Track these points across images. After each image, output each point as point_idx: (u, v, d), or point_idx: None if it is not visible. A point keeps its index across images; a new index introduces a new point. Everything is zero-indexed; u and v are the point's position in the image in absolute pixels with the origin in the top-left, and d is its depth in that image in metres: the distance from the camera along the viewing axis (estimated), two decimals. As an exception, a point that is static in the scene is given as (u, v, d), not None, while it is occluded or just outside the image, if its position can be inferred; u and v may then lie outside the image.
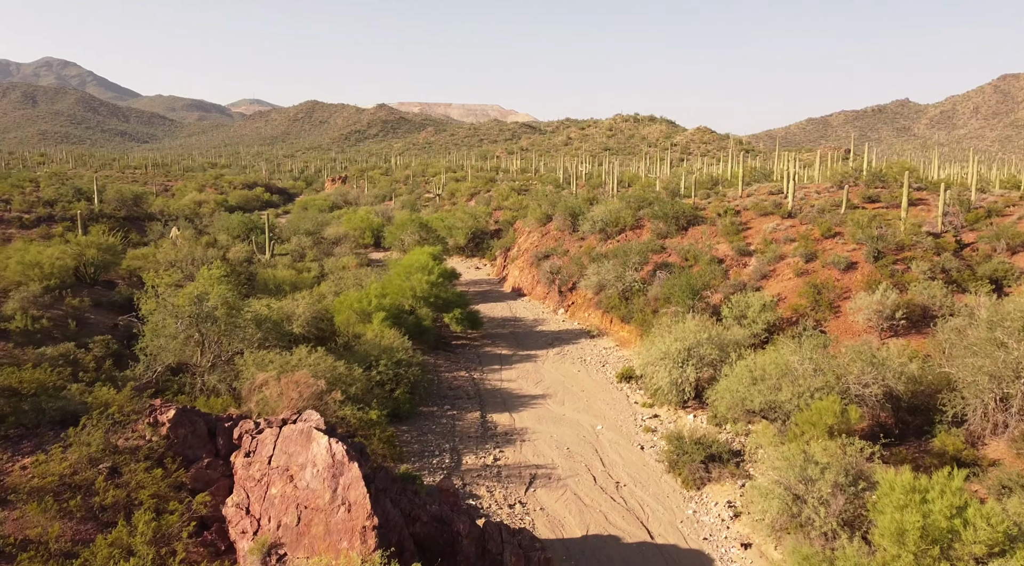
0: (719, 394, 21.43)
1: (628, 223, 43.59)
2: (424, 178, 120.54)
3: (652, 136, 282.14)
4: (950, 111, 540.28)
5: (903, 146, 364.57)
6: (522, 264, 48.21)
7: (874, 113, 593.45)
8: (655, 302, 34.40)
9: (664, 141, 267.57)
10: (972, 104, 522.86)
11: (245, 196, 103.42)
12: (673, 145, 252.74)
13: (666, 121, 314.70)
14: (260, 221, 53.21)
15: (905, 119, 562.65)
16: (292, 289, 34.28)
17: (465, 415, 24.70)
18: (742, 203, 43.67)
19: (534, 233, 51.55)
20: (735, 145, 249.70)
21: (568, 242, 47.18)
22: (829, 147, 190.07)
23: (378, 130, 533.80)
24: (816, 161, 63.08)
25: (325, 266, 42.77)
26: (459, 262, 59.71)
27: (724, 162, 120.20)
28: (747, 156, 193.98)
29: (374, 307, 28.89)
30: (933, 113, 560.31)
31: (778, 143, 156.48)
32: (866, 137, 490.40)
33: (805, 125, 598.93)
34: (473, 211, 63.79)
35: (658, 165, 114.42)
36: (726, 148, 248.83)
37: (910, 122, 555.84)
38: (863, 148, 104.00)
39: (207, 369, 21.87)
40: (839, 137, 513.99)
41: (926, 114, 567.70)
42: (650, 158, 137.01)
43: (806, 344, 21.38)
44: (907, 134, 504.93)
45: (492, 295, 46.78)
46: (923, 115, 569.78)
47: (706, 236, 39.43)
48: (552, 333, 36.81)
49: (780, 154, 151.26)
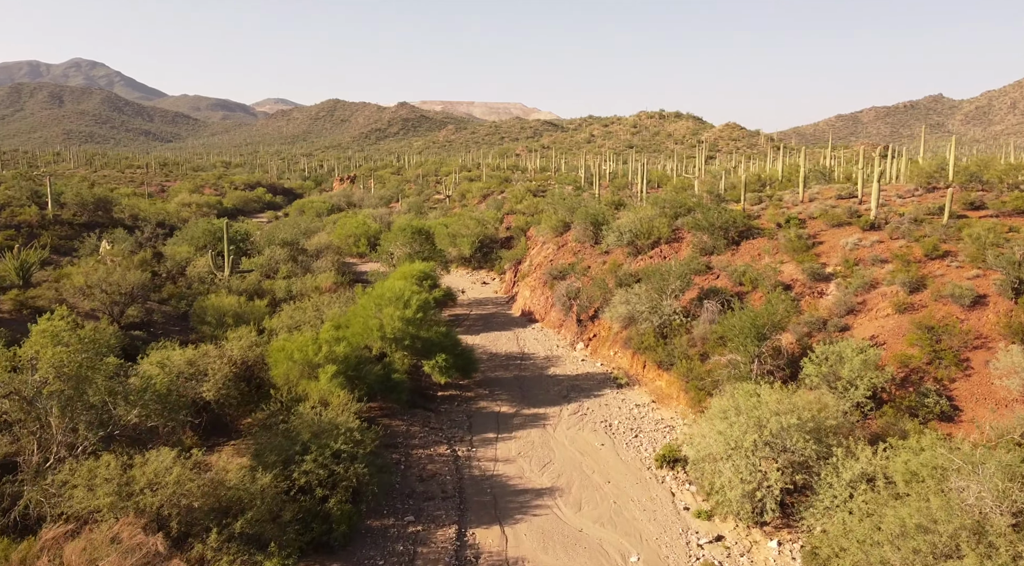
0: (833, 542, 13.17)
1: (663, 235, 35.31)
2: (436, 178, 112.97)
3: (678, 133, 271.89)
4: (986, 107, 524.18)
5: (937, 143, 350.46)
6: (534, 282, 40.17)
7: (906, 109, 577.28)
8: (702, 343, 26.17)
9: (691, 138, 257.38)
10: (1009, 99, 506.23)
11: (244, 197, 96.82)
12: (700, 142, 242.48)
13: (692, 117, 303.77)
14: (234, 229, 45.90)
15: (938, 115, 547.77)
16: (236, 322, 26.70)
17: (434, 533, 16.74)
18: (805, 210, 35.16)
19: (549, 244, 43.45)
20: (766, 142, 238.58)
21: (589, 257, 39.04)
22: (865, 143, 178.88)
23: (399, 128, 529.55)
24: (861, 158, 54.01)
25: (295, 286, 35.20)
26: (463, 275, 51.90)
27: (755, 160, 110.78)
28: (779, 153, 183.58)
29: (323, 357, 21.08)
30: (968, 109, 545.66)
31: (832, 137, 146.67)
32: (898, 134, 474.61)
33: (834, 122, 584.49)
34: (481, 216, 55.86)
35: (688, 163, 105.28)
36: (756, 145, 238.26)
37: (944, 118, 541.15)
38: (895, 143, 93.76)
39: (30, 478, 14.25)
40: (869, 134, 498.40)
41: (960, 110, 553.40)
42: (678, 156, 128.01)
43: (1002, 459, 12.56)
44: (940, 130, 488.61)
45: (497, 320, 38.86)
46: (957, 111, 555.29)
47: (765, 253, 31.04)
48: (568, 378, 28.74)
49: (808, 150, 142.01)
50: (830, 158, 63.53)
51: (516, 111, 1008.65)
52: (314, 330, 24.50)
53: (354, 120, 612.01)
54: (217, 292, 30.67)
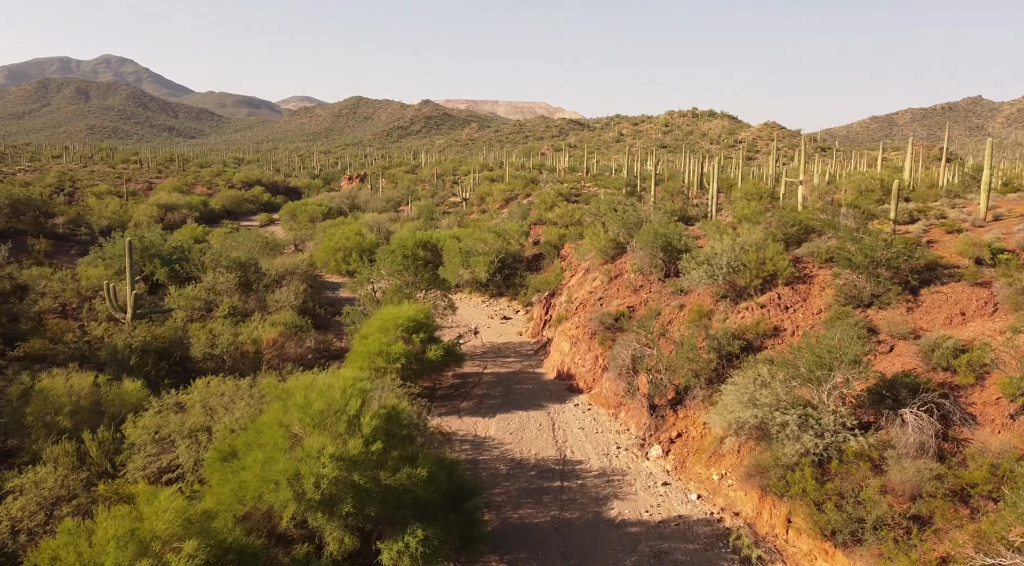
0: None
1: (783, 270, 22.90)
2: (453, 177, 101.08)
3: (713, 132, 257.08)
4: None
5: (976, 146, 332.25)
6: (576, 331, 27.98)
7: (943, 111, 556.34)
8: (911, 497, 13.87)
9: (727, 137, 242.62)
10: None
11: (236, 197, 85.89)
12: (738, 142, 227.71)
13: (727, 116, 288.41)
14: (170, 244, 34.51)
15: (978, 117, 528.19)
16: (86, 422, 15.07)
17: None
18: (1008, 235, 22.57)
19: (596, 273, 31.23)
20: (808, 142, 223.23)
21: (658, 296, 26.79)
22: (919, 145, 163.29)
23: (421, 126, 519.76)
24: (908, 160, 40.95)
25: (222, 340, 23.53)
26: (478, 305, 39.91)
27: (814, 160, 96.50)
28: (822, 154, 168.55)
29: None
30: (1009, 111, 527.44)
31: (867, 140, 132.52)
32: (935, 136, 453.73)
33: (868, 123, 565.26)
34: (501, 228, 43.72)
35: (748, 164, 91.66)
36: (797, 145, 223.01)
37: (983, 121, 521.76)
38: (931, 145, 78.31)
39: None
40: (905, 136, 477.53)
41: (1001, 112, 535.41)
42: (711, 155, 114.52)
43: None
44: (980, 133, 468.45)
45: (523, 386, 26.79)
46: (997, 113, 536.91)
47: (973, 310, 18.60)
48: (647, 532, 16.54)
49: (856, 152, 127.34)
50: (909, 159, 50.09)
51: (540, 110, 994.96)
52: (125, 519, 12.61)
53: (377, 117, 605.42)
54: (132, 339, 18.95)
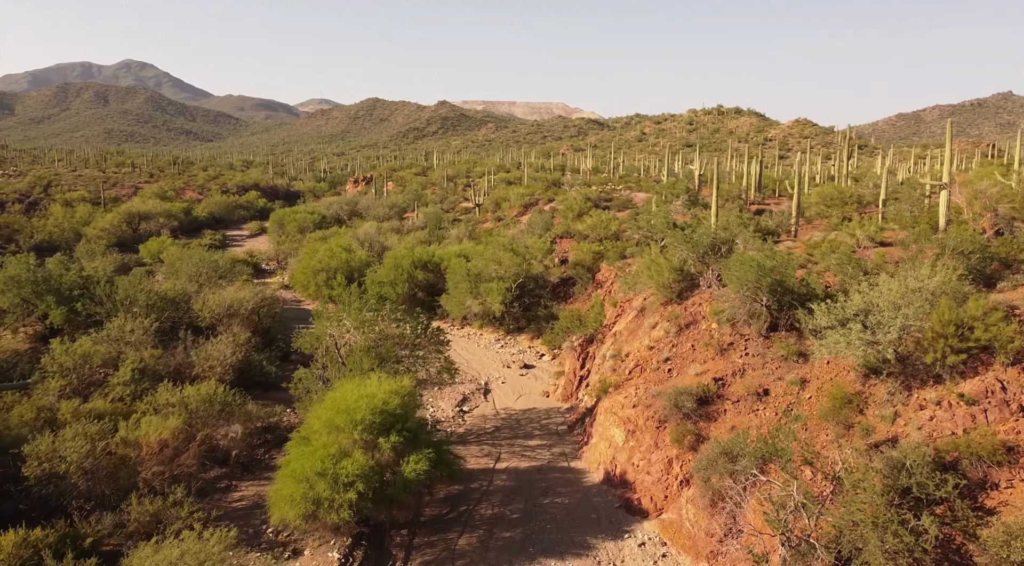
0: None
1: (1004, 340, 13.64)
2: (467, 180, 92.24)
3: (740, 130, 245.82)
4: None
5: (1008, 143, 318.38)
6: (634, 412, 18.82)
7: (972, 107, 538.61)
8: None
9: (756, 135, 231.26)
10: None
11: (227, 203, 77.71)
12: (767, 140, 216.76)
13: (754, 113, 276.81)
14: (68, 276, 26.07)
15: (1009, 114, 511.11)
16: None
17: None
18: None
19: (655, 317, 22.06)
20: (842, 139, 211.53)
21: (760, 360, 17.64)
22: (961, 142, 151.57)
23: (437, 127, 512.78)
24: (946, 158, 31.21)
25: (72, 449, 14.94)
26: (490, 343, 30.92)
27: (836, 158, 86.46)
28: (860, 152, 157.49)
29: None
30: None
31: (894, 138, 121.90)
32: (964, 134, 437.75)
33: (895, 121, 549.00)
34: (519, 245, 34.54)
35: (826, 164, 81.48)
36: (831, 143, 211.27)
37: (1015, 117, 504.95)
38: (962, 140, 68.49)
39: None
40: (933, 133, 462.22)
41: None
42: (738, 154, 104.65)
43: None
44: (1011, 130, 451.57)
45: (552, 494, 17.80)
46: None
47: None
48: None
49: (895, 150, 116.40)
50: (948, 156, 40.20)
51: (558, 110, 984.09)
52: None
53: (393, 119, 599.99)
54: None
